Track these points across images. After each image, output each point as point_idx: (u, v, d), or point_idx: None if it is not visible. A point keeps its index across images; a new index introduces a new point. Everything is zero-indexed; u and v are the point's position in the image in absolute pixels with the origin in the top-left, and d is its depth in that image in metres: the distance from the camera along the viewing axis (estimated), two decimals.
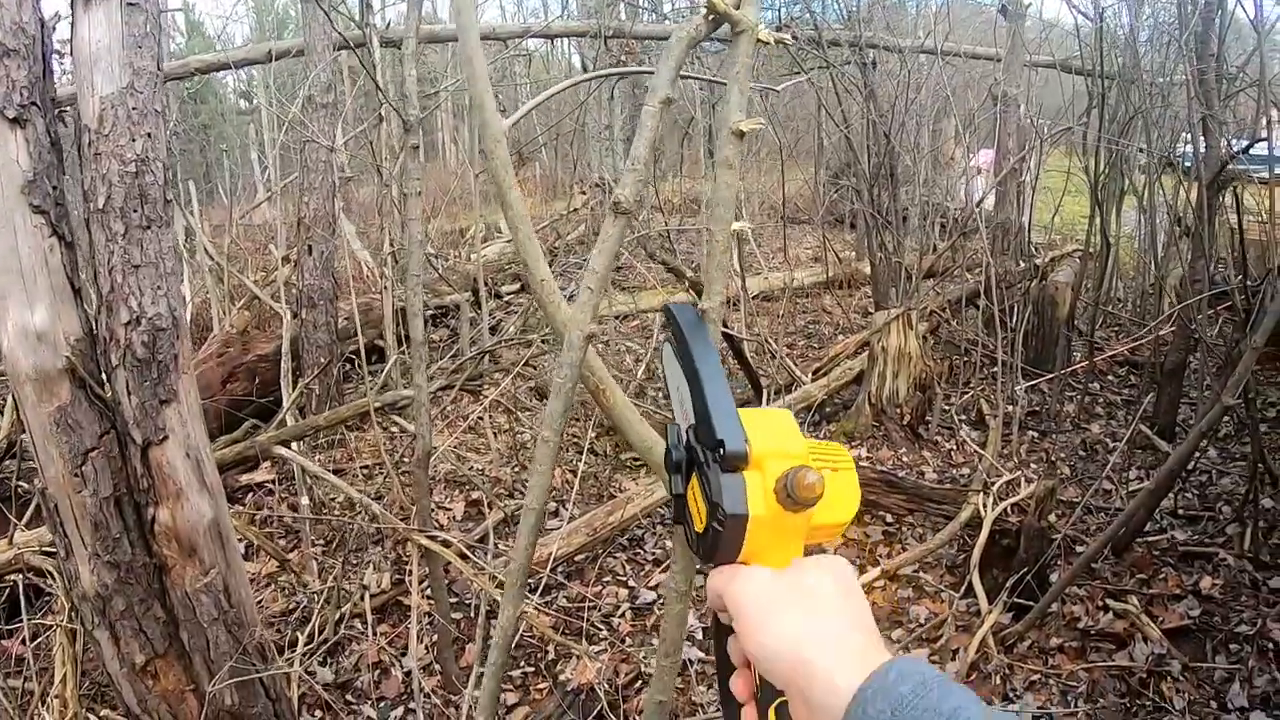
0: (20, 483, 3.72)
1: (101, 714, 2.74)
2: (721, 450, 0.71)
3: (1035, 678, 3.50)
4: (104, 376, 2.30)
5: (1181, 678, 3.66)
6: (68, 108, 2.82)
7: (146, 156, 2.29)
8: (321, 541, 4.56)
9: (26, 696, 2.74)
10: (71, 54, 2.29)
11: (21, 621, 2.84)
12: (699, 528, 0.74)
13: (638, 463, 6.06)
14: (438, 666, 3.50)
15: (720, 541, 0.72)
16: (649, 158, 1.36)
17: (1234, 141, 6.19)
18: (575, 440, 6.08)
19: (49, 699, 2.64)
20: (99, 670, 2.74)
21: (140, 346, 2.25)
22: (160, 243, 2.30)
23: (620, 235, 1.35)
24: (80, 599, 2.37)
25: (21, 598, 2.96)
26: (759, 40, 1.24)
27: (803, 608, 0.69)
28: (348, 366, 6.94)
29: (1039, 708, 3.63)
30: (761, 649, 0.68)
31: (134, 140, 2.27)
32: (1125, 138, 7.19)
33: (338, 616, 3.73)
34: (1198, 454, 5.16)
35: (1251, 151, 5.89)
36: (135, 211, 2.25)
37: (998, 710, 0.57)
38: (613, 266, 1.40)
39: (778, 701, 0.69)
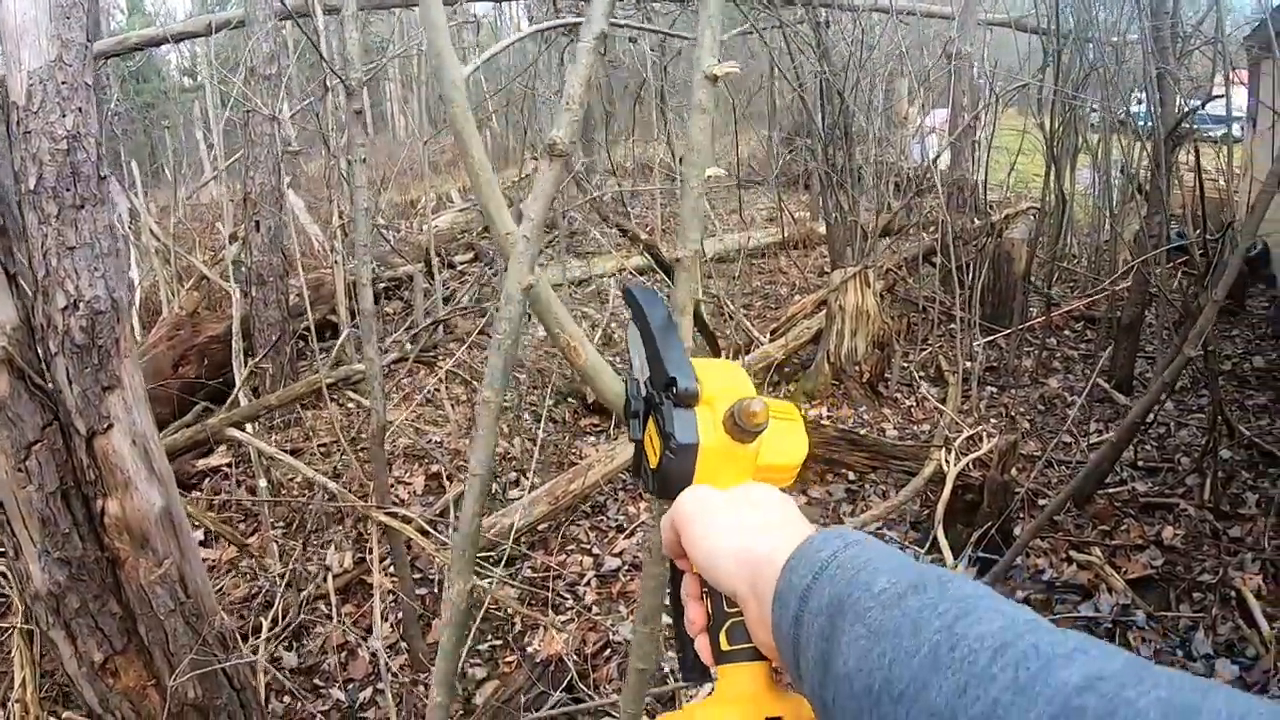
0: None
1: (64, 715, 2.68)
2: (674, 388, 0.76)
3: None
4: (43, 365, 2.20)
5: (1147, 627, 3.70)
6: None
7: (78, 132, 2.18)
8: (281, 524, 4.48)
9: None
10: None
11: None
12: (654, 464, 0.78)
13: (598, 428, 6.03)
14: (404, 645, 3.45)
15: (673, 471, 0.76)
16: (583, 97, 1.32)
17: (1189, 100, 6.25)
18: (533, 408, 6.03)
19: (9, 704, 2.57)
20: (59, 671, 2.66)
21: (79, 332, 2.15)
22: (95, 222, 2.19)
23: (557, 179, 1.31)
24: (33, 599, 2.29)
25: None
26: None
27: (746, 508, 0.72)
28: (301, 344, 6.81)
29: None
30: (709, 554, 0.69)
31: (64, 116, 2.17)
32: (1080, 95, 7.21)
33: (301, 599, 3.66)
34: (1156, 406, 5.22)
35: (1206, 109, 5.94)
36: (68, 190, 2.15)
37: (909, 555, 0.59)
38: (547, 213, 1.35)
39: (729, 623, 0.71)
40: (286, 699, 3.34)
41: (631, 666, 1.44)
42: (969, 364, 6.33)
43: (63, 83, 2.18)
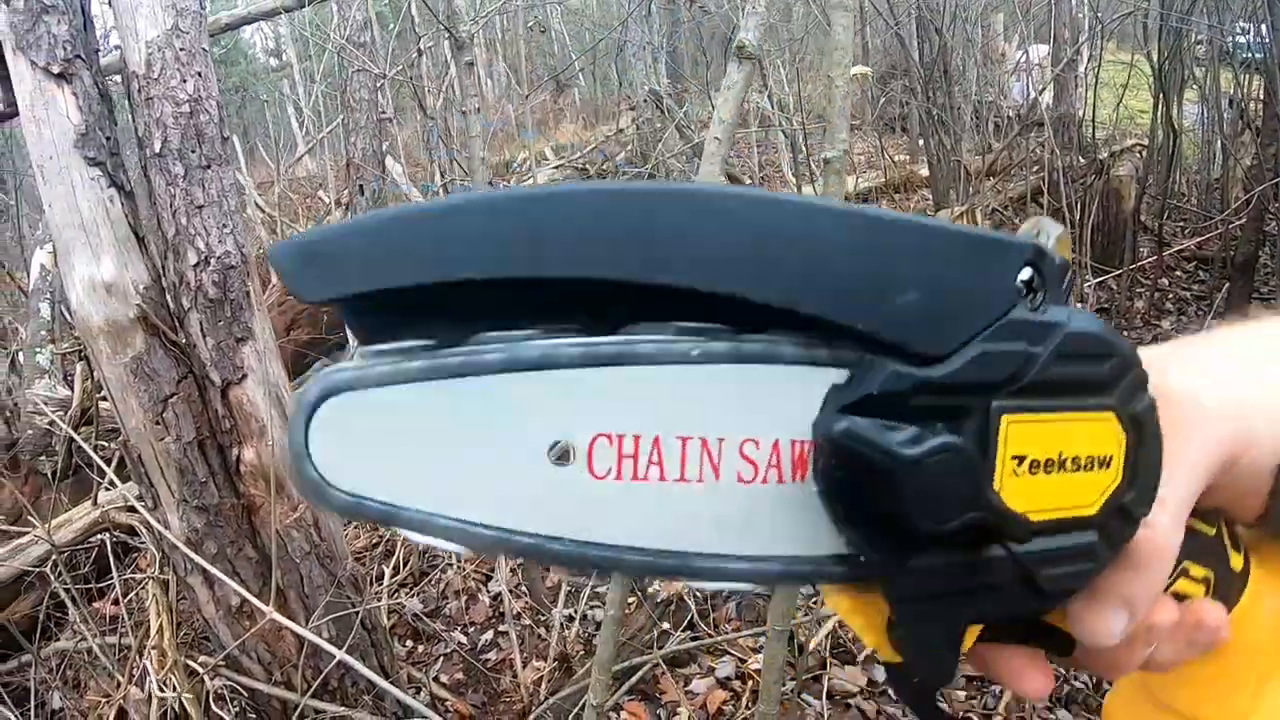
0: (100, 444, 3.77)
1: (200, 660, 2.78)
2: None
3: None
4: (176, 322, 2.28)
5: None
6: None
7: (199, 96, 2.25)
8: None
9: (124, 652, 2.79)
10: (111, 4, 2.26)
11: (112, 579, 2.88)
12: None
13: None
14: (525, 589, 3.53)
15: None
16: None
17: None
18: None
19: (147, 651, 2.68)
20: (193, 619, 2.78)
21: (211, 287, 2.23)
22: (222, 181, 2.27)
23: (746, 82, 1.30)
24: (170, 548, 2.39)
25: (110, 556, 3.00)
26: None
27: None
28: None
29: None
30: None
31: (185, 81, 2.24)
32: (1187, 24, 6.89)
33: (419, 548, 3.76)
34: None
35: None
36: (193, 152, 2.22)
37: None
38: (739, 116, 1.34)
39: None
40: (409, 642, 3.45)
41: (774, 609, 1.44)
42: (1079, 305, 6.15)
43: (181, 49, 2.25)
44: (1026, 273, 0.39)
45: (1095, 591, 0.44)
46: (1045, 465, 0.41)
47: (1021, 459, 0.40)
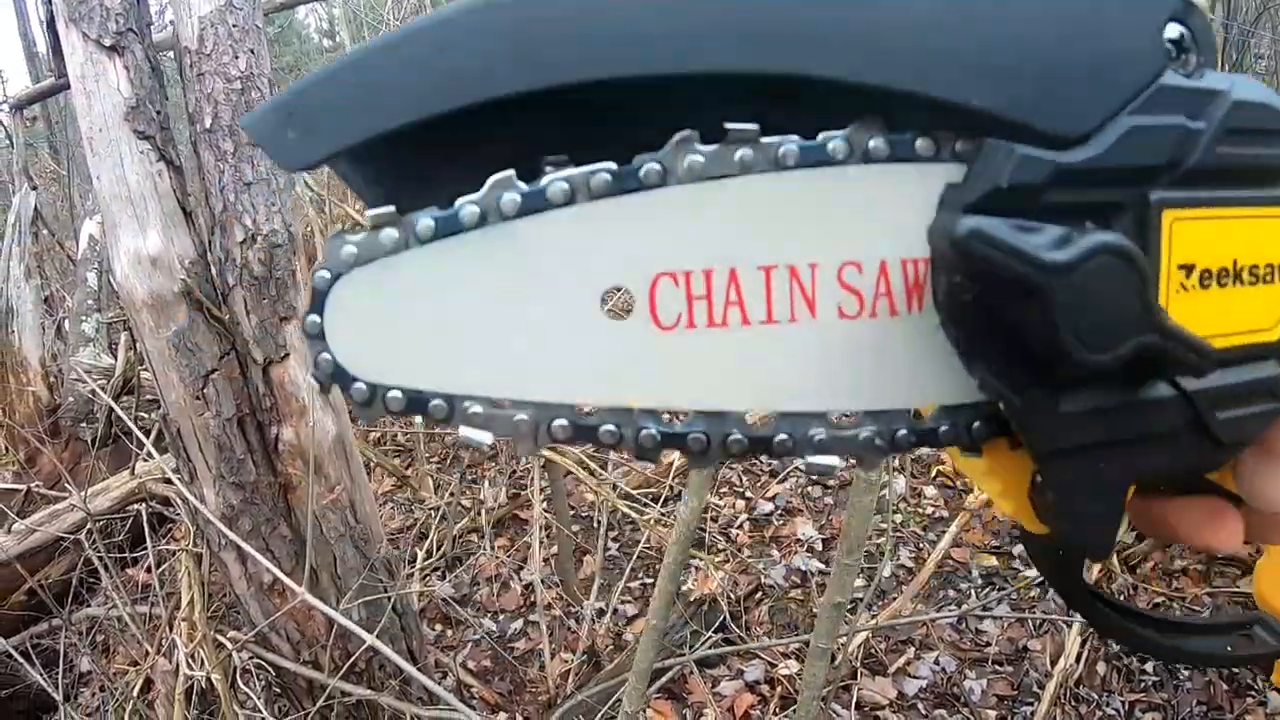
0: (140, 414, 3.80)
1: (229, 635, 2.79)
2: None
3: (1159, 599, 3.38)
4: (220, 298, 2.28)
5: None
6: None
7: (251, 73, 2.25)
8: (435, 459, 4.60)
9: (154, 622, 2.80)
10: None
11: (146, 549, 2.90)
12: None
13: None
14: (556, 579, 3.52)
15: None
16: None
17: None
18: None
19: (177, 622, 2.69)
20: (224, 593, 2.79)
21: (257, 264, 2.23)
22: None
23: None
24: (205, 522, 2.39)
25: (145, 526, 3.02)
26: None
27: None
28: None
29: None
30: None
31: (237, 57, 2.24)
32: (1252, 32, 6.73)
33: (455, 533, 3.76)
34: None
35: None
36: None
37: None
38: None
39: None
40: (438, 626, 3.46)
41: (829, 599, 1.41)
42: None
43: (234, 25, 2.24)
44: (1174, 29, 0.31)
45: (1272, 442, 0.35)
46: (1219, 276, 0.32)
47: (1189, 268, 0.32)
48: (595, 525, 3.73)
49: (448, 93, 0.29)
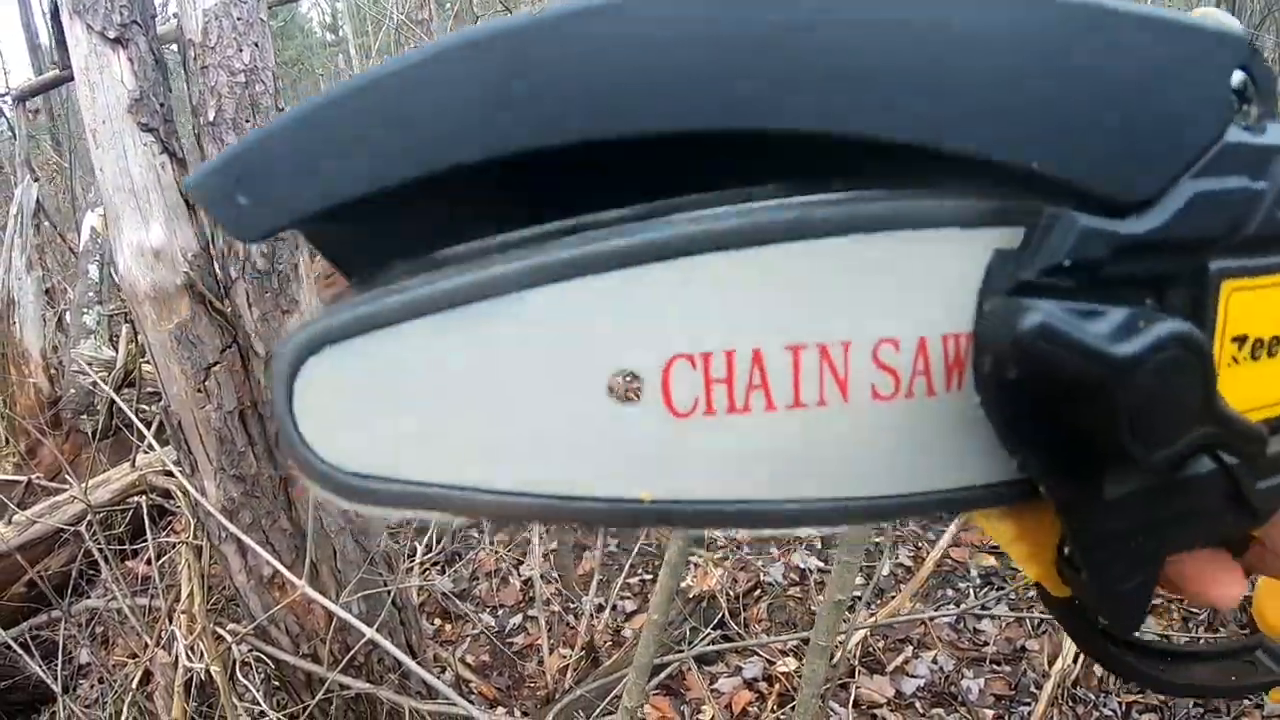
0: (141, 406, 3.80)
1: (228, 628, 2.80)
2: None
3: (1158, 599, 3.39)
4: (223, 291, 2.29)
5: None
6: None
7: (255, 66, 2.25)
8: None
9: (154, 614, 2.81)
10: None
11: (146, 541, 2.90)
12: None
13: None
14: (556, 574, 3.52)
15: None
16: None
17: None
18: None
19: (177, 615, 2.70)
20: (224, 586, 2.79)
21: (260, 257, 2.23)
22: None
23: None
24: (205, 515, 2.40)
25: (146, 518, 3.03)
26: None
27: None
28: None
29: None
30: None
31: (241, 50, 2.23)
32: (1256, 35, 6.73)
33: (453, 528, 3.77)
34: None
35: None
36: (248, 122, 2.22)
37: None
38: None
39: None
40: (438, 620, 3.47)
41: (829, 596, 1.41)
42: None
43: (238, 19, 2.24)
44: (1238, 77, 0.28)
45: None
46: (1270, 346, 0.30)
47: (1242, 340, 0.30)
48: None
49: (429, 152, 0.26)
